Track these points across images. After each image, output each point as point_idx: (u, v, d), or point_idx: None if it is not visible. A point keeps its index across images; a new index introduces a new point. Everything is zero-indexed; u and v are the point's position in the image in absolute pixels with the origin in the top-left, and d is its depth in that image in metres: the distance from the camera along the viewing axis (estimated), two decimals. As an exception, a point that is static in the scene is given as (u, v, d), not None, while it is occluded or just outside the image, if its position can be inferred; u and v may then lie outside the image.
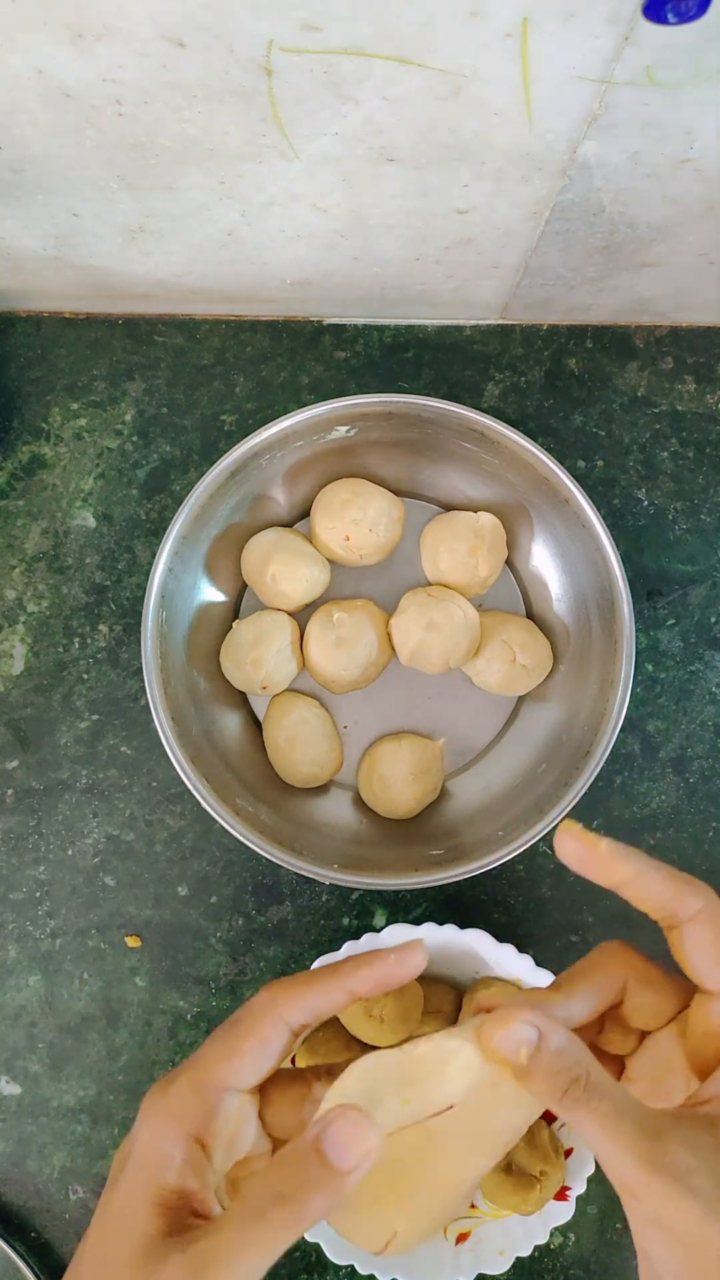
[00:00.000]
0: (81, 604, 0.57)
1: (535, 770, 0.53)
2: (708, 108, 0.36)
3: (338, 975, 0.29)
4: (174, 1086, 0.29)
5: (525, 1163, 0.48)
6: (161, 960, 0.55)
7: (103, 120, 0.38)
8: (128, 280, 0.54)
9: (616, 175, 0.42)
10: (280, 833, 0.51)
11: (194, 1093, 0.28)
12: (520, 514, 0.55)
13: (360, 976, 0.29)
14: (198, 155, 0.41)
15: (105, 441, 0.58)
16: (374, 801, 0.54)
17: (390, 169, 0.41)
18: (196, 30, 0.32)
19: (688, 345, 0.60)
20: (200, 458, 0.58)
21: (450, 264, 0.51)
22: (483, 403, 0.59)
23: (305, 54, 0.33)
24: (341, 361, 0.59)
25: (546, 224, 0.46)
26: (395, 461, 0.56)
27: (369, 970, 0.29)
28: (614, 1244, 0.53)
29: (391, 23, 0.32)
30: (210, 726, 0.53)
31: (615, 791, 0.56)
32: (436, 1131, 0.29)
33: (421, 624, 0.52)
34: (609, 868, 0.30)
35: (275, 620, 0.54)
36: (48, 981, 0.55)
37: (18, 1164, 0.54)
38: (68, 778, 0.56)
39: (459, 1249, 0.50)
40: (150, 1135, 0.28)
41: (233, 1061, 0.29)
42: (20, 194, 0.45)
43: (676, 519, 0.58)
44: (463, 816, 0.54)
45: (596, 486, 0.58)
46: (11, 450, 0.58)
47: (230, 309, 0.59)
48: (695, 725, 0.57)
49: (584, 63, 0.34)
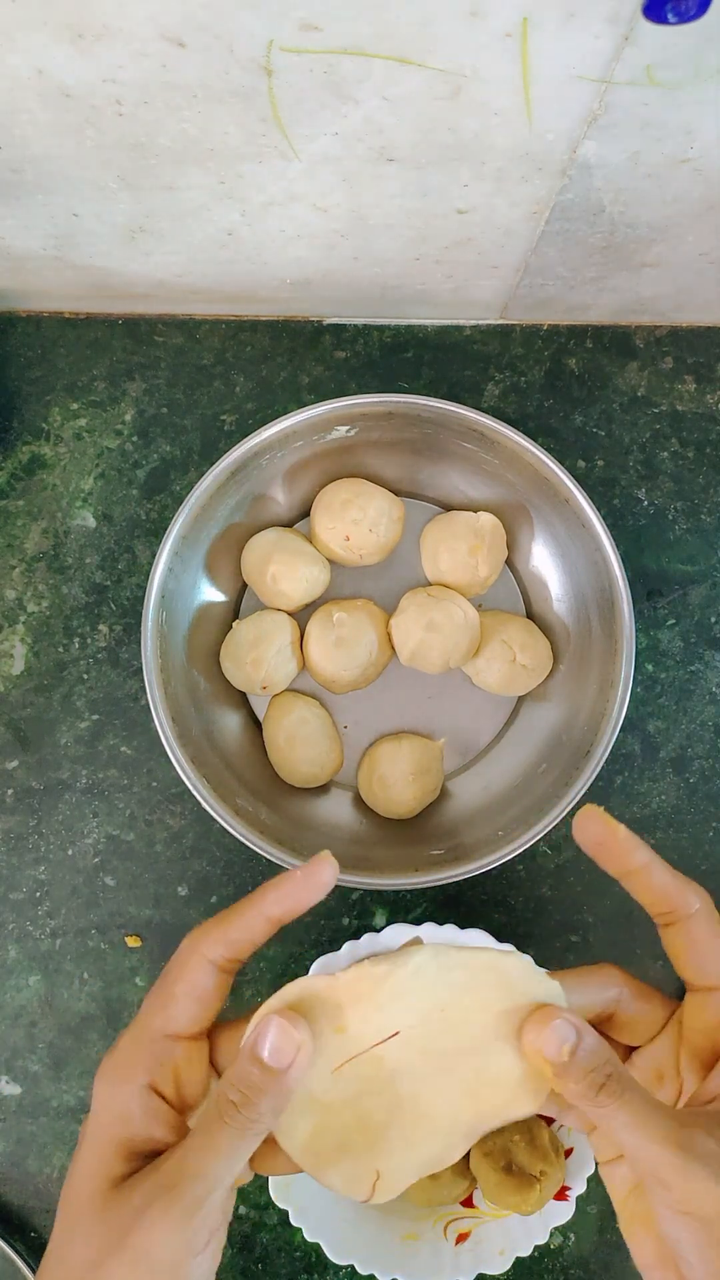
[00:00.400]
0: (81, 604, 0.57)
1: (535, 770, 0.53)
2: (708, 108, 0.36)
3: (250, 903, 0.30)
4: (118, 1046, 0.30)
5: (525, 1163, 0.48)
6: (162, 960, 0.55)
7: (103, 120, 0.38)
8: (128, 280, 0.54)
9: (616, 175, 0.42)
10: (280, 833, 0.51)
11: (137, 1045, 0.29)
12: (520, 514, 0.55)
13: (271, 899, 0.30)
14: (198, 155, 0.41)
15: (105, 441, 0.58)
16: (374, 801, 0.54)
17: (390, 169, 0.41)
18: (196, 30, 0.32)
19: (688, 345, 0.60)
20: (200, 458, 0.58)
21: (450, 264, 0.51)
22: (483, 403, 0.59)
23: (305, 54, 0.33)
24: (341, 361, 0.59)
25: (546, 224, 0.46)
26: (395, 461, 0.56)
27: (278, 892, 0.30)
28: (614, 1244, 0.53)
29: (391, 23, 0.32)
30: (210, 726, 0.53)
31: (615, 792, 0.56)
32: (387, 1060, 0.29)
33: (421, 624, 0.52)
34: (624, 855, 0.31)
35: (275, 620, 0.54)
36: (48, 982, 0.55)
37: (18, 1164, 0.54)
38: (68, 778, 0.56)
39: (459, 1249, 0.50)
40: (105, 1094, 0.29)
41: (169, 1009, 0.29)
42: (20, 194, 0.45)
43: (676, 519, 0.58)
44: (463, 816, 0.54)
45: (596, 486, 0.58)
46: (11, 450, 0.58)
47: (230, 309, 0.59)
48: (695, 725, 0.57)
49: (584, 63, 0.34)
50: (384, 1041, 0.29)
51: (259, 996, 0.55)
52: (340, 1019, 0.29)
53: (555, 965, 0.54)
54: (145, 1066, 0.29)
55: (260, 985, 0.55)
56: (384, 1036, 0.29)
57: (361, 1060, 0.29)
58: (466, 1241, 0.50)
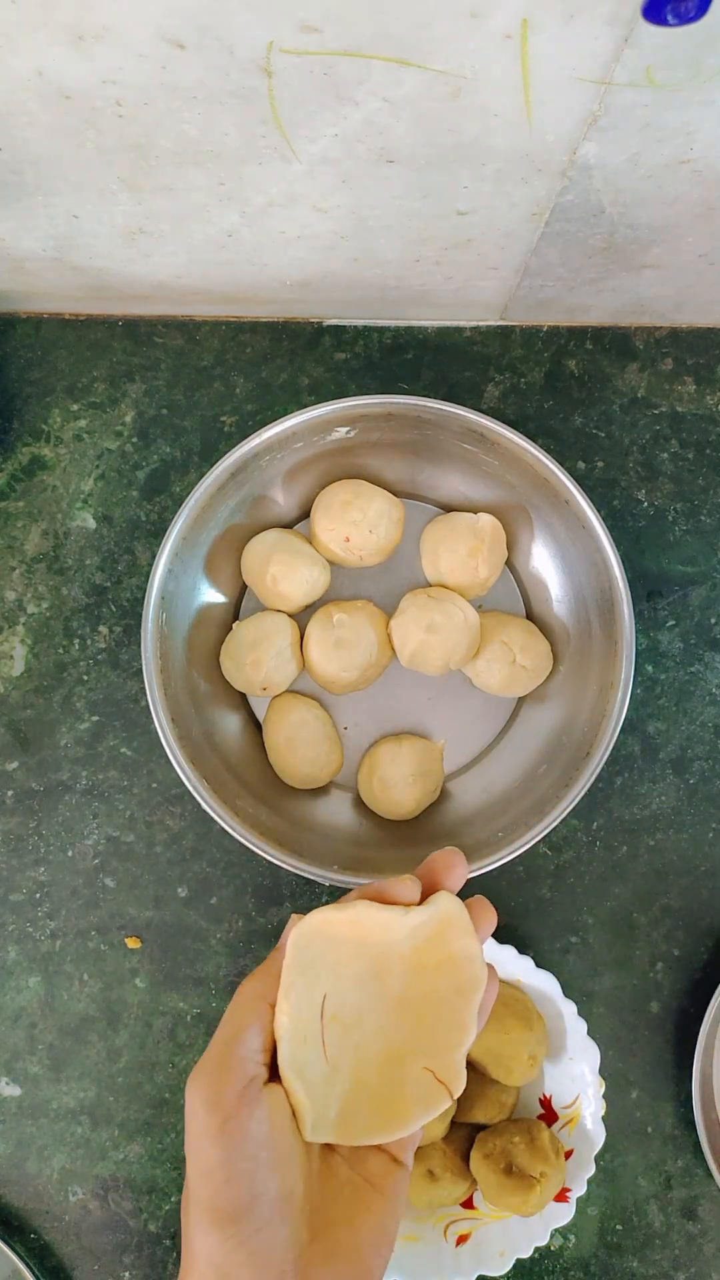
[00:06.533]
0: (81, 605, 0.57)
1: (535, 771, 0.53)
2: (707, 108, 0.36)
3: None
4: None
5: (525, 1165, 0.48)
6: (161, 961, 0.55)
7: (103, 122, 0.38)
8: (128, 281, 0.54)
9: (616, 176, 0.42)
10: (280, 834, 0.51)
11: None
12: (520, 515, 0.55)
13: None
14: (198, 156, 0.41)
15: (105, 443, 0.58)
16: (374, 803, 0.54)
17: (390, 170, 0.41)
18: (196, 32, 0.32)
19: (687, 346, 0.60)
20: (200, 459, 0.58)
21: (450, 265, 0.51)
22: (482, 404, 0.59)
23: (305, 55, 0.33)
24: (341, 363, 0.59)
25: (546, 225, 0.46)
26: (395, 463, 0.56)
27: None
28: (614, 1245, 0.53)
29: (391, 24, 0.32)
30: (210, 728, 0.53)
31: (615, 793, 0.56)
32: (365, 1020, 0.31)
33: (422, 625, 0.52)
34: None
35: (275, 621, 0.54)
36: (48, 983, 0.55)
37: (18, 1165, 0.54)
38: (68, 779, 0.56)
39: (459, 1250, 0.50)
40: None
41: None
42: (20, 195, 0.45)
43: (676, 520, 0.58)
44: (463, 817, 0.54)
45: (596, 487, 0.58)
46: (11, 452, 0.58)
47: (230, 310, 0.59)
48: (695, 726, 0.57)
49: (584, 64, 0.34)
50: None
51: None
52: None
53: (555, 966, 0.54)
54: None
55: (260, 986, 0.55)
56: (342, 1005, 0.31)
57: (338, 1030, 0.31)
58: (467, 1243, 0.50)
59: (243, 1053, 0.30)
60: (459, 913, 0.32)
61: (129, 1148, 0.54)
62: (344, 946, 0.31)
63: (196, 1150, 0.29)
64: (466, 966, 0.31)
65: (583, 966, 0.55)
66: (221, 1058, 0.30)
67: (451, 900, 0.32)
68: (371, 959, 0.31)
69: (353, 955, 0.31)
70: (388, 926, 0.31)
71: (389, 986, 0.31)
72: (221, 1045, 0.30)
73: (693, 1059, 0.52)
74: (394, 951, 0.31)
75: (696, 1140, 0.52)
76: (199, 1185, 0.29)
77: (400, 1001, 0.31)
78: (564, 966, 0.55)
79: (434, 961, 0.31)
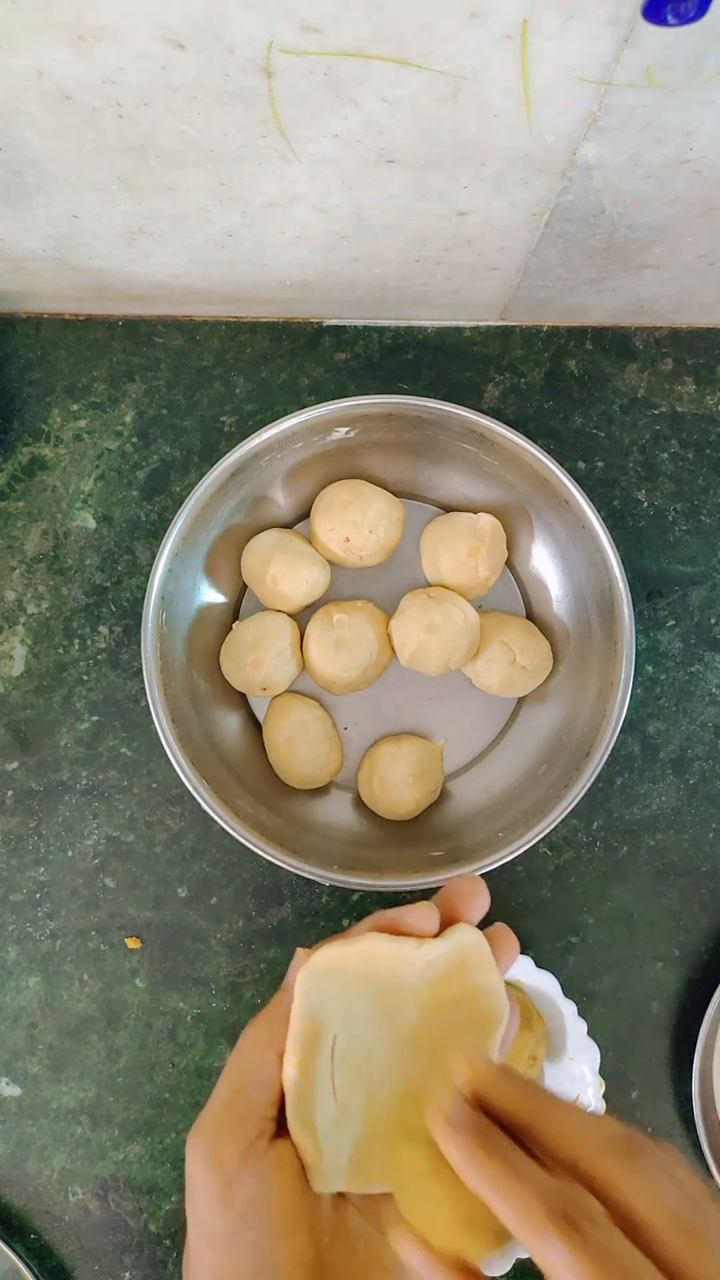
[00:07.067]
0: (81, 605, 0.57)
1: (535, 771, 0.53)
2: (707, 108, 0.36)
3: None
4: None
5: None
6: (161, 962, 0.55)
7: (103, 122, 0.38)
8: (127, 281, 0.54)
9: (616, 177, 0.42)
10: (280, 834, 0.51)
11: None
12: (520, 515, 0.55)
13: None
14: (198, 157, 0.41)
15: (105, 443, 0.58)
16: (374, 803, 0.54)
17: (390, 170, 0.41)
18: (196, 32, 0.32)
19: (687, 346, 0.60)
20: (200, 459, 0.58)
21: (450, 265, 0.51)
22: (482, 404, 0.59)
23: (305, 55, 0.33)
24: (341, 363, 0.59)
25: (546, 225, 0.46)
26: (395, 463, 0.56)
27: None
28: (614, 1246, 0.53)
29: (391, 24, 0.32)
30: (210, 728, 0.53)
31: (615, 793, 0.56)
32: (375, 1059, 0.30)
33: (422, 625, 0.52)
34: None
35: (275, 621, 0.54)
36: (48, 983, 0.55)
37: (18, 1166, 0.54)
38: (68, 779, 0.56)
39: (459, 1251, 0.50)
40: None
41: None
42: (20, 196, 0.45)
43: (676, 520, 0.58)
44: (463, 817, 0.54)
45: (596, 488, 0.58)
46: (11, 452, 0.58)
47: (230, 310, 0.59)
48: (695, 726, 0.57)
49: (584, 64, 0.34)
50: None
51: (258, 998, 0.55)
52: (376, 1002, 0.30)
53: (555, 966, 0.54)
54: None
55: (261, 986, 0.55)
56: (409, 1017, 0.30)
57: (348, 1071, 0.29)
58: (467, 1243, 0.50)
59: (247, 1109, 0.28)
60: (479, 945, 0.30)
61: (129, 1148, 0.54)
62: (354, 982, 0.30)
63: (198, 1214, 0.27)
64: (487, 1001, 0.30)
65: (583, 966, 0.55)
66: (223, 1114, 0.28)
67: (471, 932, 0.30)
68: (383, 994, 0.30)
69: (362, 991, 0.30)
70: (400, 959, 0.30)
71: (402, 1023, 0.30)
72: (224, 1100, 0.28)
73: (693, 1059, 0.52)
74: (407, 986, 0.30)
75: (696, 1140, 0.52)
76: (202, 1251, 0.26)
77: (414, 1038, 0.30)
78: (564, 966, 0.55)
79: (451, 996, 0.30)
